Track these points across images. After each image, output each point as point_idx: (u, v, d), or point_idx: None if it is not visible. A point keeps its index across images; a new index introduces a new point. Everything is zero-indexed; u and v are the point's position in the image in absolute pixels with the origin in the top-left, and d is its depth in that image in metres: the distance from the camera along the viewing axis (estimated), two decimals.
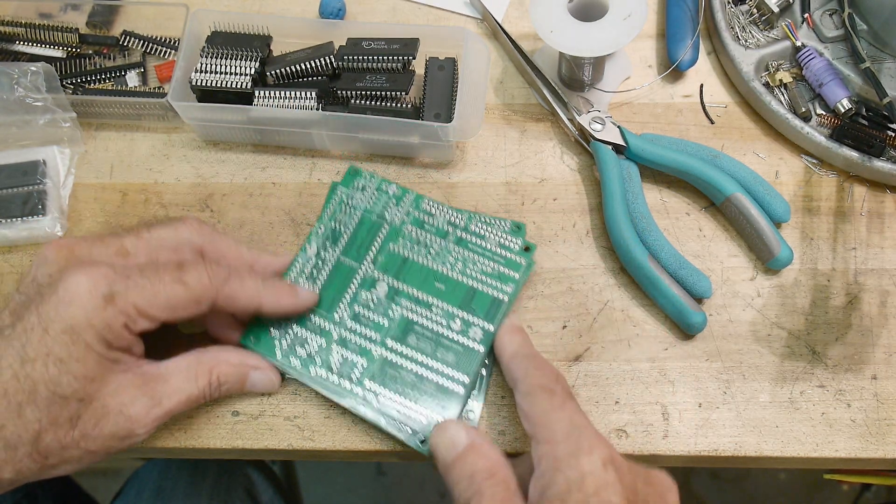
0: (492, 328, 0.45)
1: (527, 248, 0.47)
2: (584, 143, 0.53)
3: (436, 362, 0.45)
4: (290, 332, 0.46)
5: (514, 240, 0.48)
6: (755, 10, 0.55)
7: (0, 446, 0.36)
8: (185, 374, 0.41)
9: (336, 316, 0.46)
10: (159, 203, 0.53)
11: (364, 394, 0.44)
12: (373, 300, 0.46)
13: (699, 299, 0.48)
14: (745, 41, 0.55)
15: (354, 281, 0.47)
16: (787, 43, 0.55)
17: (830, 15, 0.55)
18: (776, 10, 0.55)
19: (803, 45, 0.54)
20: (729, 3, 0.56)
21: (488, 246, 0.48)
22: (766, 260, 0.49)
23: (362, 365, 0.45)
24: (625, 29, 0.49)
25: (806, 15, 0.55)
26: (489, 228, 0.48)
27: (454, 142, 0.52)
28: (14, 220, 0.51)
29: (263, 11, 0.60)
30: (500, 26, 0.57)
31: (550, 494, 0.34)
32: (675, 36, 0.56)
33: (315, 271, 0.47)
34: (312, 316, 0.46)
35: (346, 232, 0.48)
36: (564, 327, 0.48)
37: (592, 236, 0.51)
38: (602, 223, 0.51)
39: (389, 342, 0.45)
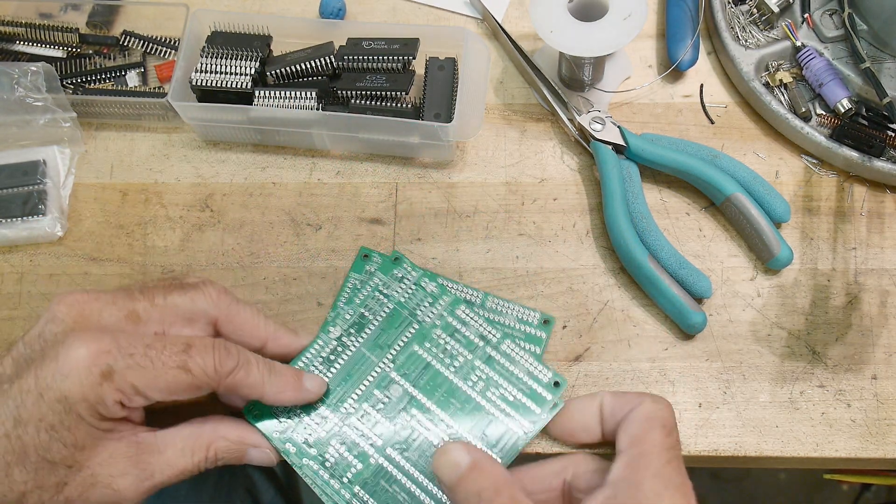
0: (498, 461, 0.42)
1: (556, 384, 0.44)
2: (584, 143, 0.53)
3: (433, 485, 0.42)
4: (294, 415, 0.43)
5: (544, 370, 0.44)
6: (755, 10, 0.55)
7: None
8: (182, 447, 0.39)
9: (343, 410, 0.44)
10: (159, 203, 0.53)
11: (351, 500, 0.42)
12: (384, 401, 0.44)
13: (699, 299, 0.48)
14: (745, 41, 0.55)
15: (371, 377, 0.44)
16: (787, 43, 0.55)
17: (830, 15, 0.55)
18: (776, 10, 0.55)
19: (803, 45, 0.54)
20: (729, 3, 0.56)
21: (516, 372, 0.44)
22: (766, 260, 0.49)
23: (356, 468, 0.42)
24: (625, 29, 0.49)
25: (806, 15, 0.55)
26: (517, 348, 0.45)
27: (454, 142, 0.52)
28: (14, 220, 0.51)
29: (263, 11, 0.60)
30: (500, 26, 0.57)
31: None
32: (675, 36, 0.55)
33: (332, 356, 0.45)
34: (319, 404, 0.44)
35: (373, 321, 0.46)
36: (564, 327, 0.48)
37: (592, 236, 0.51)
38: (602, 223, 0.51)
39: (390, 451, 0.43)
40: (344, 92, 0.52)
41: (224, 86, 0.51)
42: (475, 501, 0.37)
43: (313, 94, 0.51)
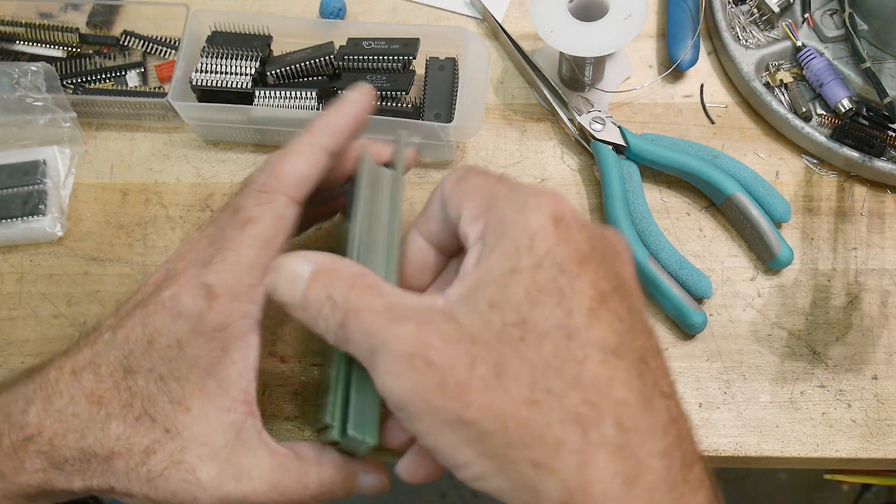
0: None
1: None
2: (584, 143, 0.53)
3: None
4: None
5: None
6: (755, 10, 0.55)
7: (77, 455, 0.34)
8: (278, 463, 0.35)
9: None
10: (159, 203, 0.53)
11: None
12: None
13: (699, 299, 0.48)
14: (746, 41, 0.55)
15: None
16: (787, 43, 0.54)
17: (831, 15, 0.55)
18: (776, 10, 0.55)
19: (804, 45, 0.54)
20: (729, 3, 0.56)
21: None
22: (767, 260, 0.49)
23: None
24: (625, 29, 0.49)
25: (806, 15, 0.55)
26: None
27: (454, 142, 0.52)
28: (14, 220, 0.51)
29: (263, 11, 0.60)
30: (501, 26, 0.57)
31: (494, 262, 0.29)
32: (676, 36, 0.55)
33: None
34: None
35: None
36: None
37: None
38: (602, 223, 0.51)
39: None
40: (344, 92, 0.52)
41: (224, 86, 0.51)
42: (328, 309, 0.31)
43: (313, 94, 0.51)
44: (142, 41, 0.57)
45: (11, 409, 0.35)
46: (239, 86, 0.51)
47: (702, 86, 0.56)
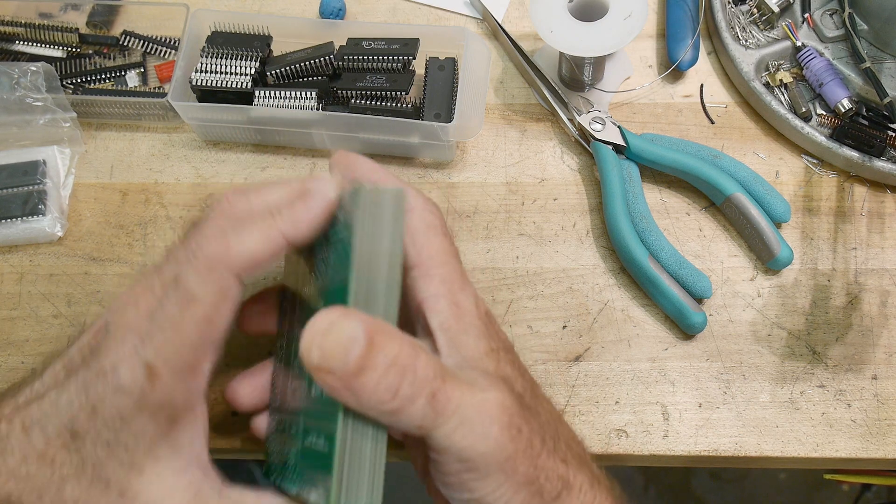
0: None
1: None
2: (584, 143, 0.53)
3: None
4: None
5: None
6: (755, 10, 0.55)
7: None
8: None
9: None
10: (159, 203, 0.53)
11: None
12: None
13: (699, 299, 0.48)
14: (746, 41, 0.55)
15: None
16: (787, 43, 0.54)
17: (831, 15, 0.55)
18: (776, 10, 0.55)
19: (804, 45, 0.54)
20: (729, 3, 0.56)
21: None
22: (767, 260, 0.49)
23: None
24: (625, 29, 0.49)
25: (806, 15, 0.55)
26: None
27: (454, 142, 0.52)
28: (14, 220, 0.51)
29: (263, 11, 0.60)
30: (501, 26, 0.57)
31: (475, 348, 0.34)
32: (676, 36, 0.55)
33: None
34: None
35: None
36: (564, 327, 0.48)
37: (592, 236, 0.51)
38: (602, 223, 0.51)
39: None
40: (344, 92, 0.52)
41: (224, 86, 0.51)
42: (394, 376, 0.29)
43: (313, 94, 0.51)
44: (142, 41, 0.57)
45: None
46: (239, 86, 0.51)
47: (702, 86, 0.56)
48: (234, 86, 0.51)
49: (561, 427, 0.36)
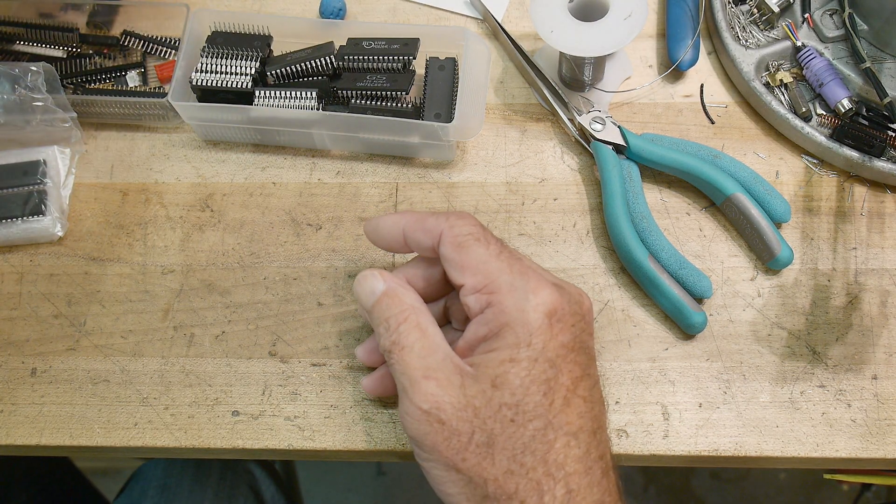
0: None
1: None
2: (584, 143, 0.53)
3: None
4: None
5: None
6: (755, 10, 0.55)
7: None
8: None
9: None
10: (159, 203, 0.53)
11: None
12: None
13: (699, 299, 0.48)
14: (746, 41, 0.55)
15: None
16: (787, 43, 0.54)
17: (831, 15, 0.55)
18: (776, 10, 0.55)
19: (804, 45, 0.54)
20: (729, 3, 0.56)
21: None
22: (767, 260, 0.49)
23: None
24: (625, 29, 0.49)
25: (806, 15, 0.55)
26: None
27: (454, 142, 0.52)
28: (14, 220, 0.51)
29: (263, 11, 0.60)
30: (501, 26, 0.57)
31: (499, 349, 0.37)
32: (676, 36, 0.55)
33: None
34: None
35: None
36: None
37: (593, 236, 0.51)
38: (602, 223, 0.51)
39: None
40: (344, 92, 0.52)
41: (224, 86, 0.51)
42: (384, 328, 0.39)
43: (313, 94, 0.51)
44: (142, 41, 0.57)
45: None
46: (239, 86, 0.51)
47: (702, 86, 0.56)
48: (234, 86, 0.51)
49: (551, 446, 0.36)
